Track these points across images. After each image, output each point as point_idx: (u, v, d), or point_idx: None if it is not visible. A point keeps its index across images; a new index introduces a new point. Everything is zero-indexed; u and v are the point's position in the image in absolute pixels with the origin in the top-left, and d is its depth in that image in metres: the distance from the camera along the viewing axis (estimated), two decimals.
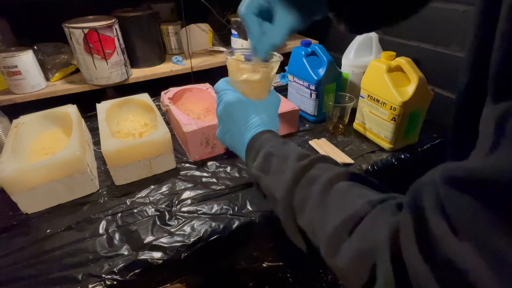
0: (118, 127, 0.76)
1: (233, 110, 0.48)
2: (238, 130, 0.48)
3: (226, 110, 0.49)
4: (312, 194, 0.34)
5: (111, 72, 0.93)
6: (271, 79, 0.51)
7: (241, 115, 0.48)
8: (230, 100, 0.48)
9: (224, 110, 0.49)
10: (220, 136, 0.52)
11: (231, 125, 0.49)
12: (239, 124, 0.48)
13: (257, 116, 0.48)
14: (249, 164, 0.46)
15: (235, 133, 0.49)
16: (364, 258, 0.25)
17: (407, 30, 0.91)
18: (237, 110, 0.48)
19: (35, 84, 0.88)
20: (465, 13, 0.75)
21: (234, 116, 0.48)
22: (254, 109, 0.48)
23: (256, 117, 0.48)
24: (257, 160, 0.43)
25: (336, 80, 0.84)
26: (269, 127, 0.47)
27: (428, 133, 0.81)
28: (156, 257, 0.51)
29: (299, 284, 0.73)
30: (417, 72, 0.68)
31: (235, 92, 0.50)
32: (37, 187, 0.58)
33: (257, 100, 0.50)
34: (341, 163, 0.70)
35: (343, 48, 0.88)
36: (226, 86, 0.51)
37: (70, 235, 0.55)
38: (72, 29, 0.84)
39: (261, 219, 0.58)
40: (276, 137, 0.45)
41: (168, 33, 1.12)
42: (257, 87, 0.50)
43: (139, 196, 0.63)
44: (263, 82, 0.50)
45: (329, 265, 0.30)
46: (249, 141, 0.46)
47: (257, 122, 0.47)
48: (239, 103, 0.48)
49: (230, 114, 0.49)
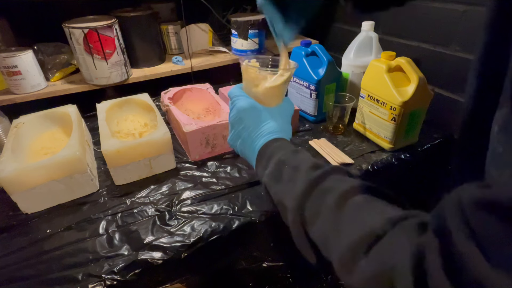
0: (118, 127, 0.76)
1: (246, 116, 0.48)
2: (249, 137, 0.48)
3: (238, 116, 0.48)
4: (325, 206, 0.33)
5: (111, 72, 0.93)
6: (285, 87, 0.51)
7: (253, 121, 0.47)
8: (243, 106, 0.48)
9: (236, 115, 0.49)
10: (232, 142, 0.51)
11: (243, 131, 0.48)
12: (251, 130, 0.47)
13: (270, 123, 0.47)
14: (260, 172, 0.45)
15: (247, 139, 0.48)
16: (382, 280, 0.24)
17: (407, 30, 0.91)
18: (250, 116, 0.48)
19: (35, 84, 0.88)
20: (465, 13, 0.75)
21: (246, 122, 0.48)
22: (267, 116, 0.48)
23: (268, 124, 0.47)
24: (268, 168, 0.43)
25: (336, 80, 0.84)
26: (281, 134, 0.47)
27: (428, 133, 0.81)
28: (156, 257, 0.51)
29: (299, 284, 0.73)
30: (417, 72, 0.68)
31: (249, 98, 0.49)
32: (37, 187, 0.58)
33: (271, 106, 0.50)
34: (341, 163, 0.70)
35: (343, 48, 0.88)
36: (240, 92, 0.51)
37: (70, 235, 0.55)
38: (72, 29, 0.84)
39: (261, 219, 0.58)
40: (288, 145, 0.45)
41: (168, 33, 1.12)
42: (272, 94, 0.49)
43: (139, 196, 0.63)
44: (278, 89, 0.49)
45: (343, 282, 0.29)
46: (261, 148, 0.46)
47: (269, 129, 0.47)
48: (252, 109, 0.48)
49: (242, 120, 0.48)
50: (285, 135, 0.48)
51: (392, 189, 0.33)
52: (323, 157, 0.73)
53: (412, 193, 0.81)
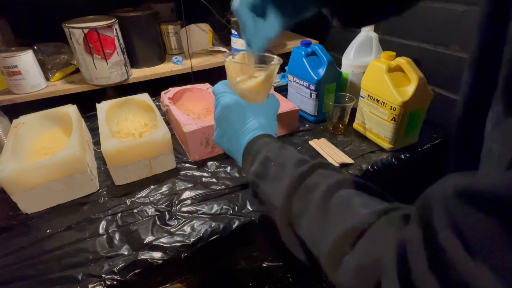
0: (118, 127, 0.76)
1: (231, 113, 0.47)
2: (235, 134, 0.47)
3: (223, 113, 0.48)
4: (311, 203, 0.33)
5: (111, 72, 0.93)
6: (270, 82, 0.51)
7: (238, 118, 0.47)
8: (228, 102, 0.47)
9: (221, 112, 0.48)
10: (217, 140, 0.51)
11: (228, 128, 0.48)
12: (236, 127, 0.47)
13: (255, 120, 0.47)
14: (246, 169, 0.45)
15: (232, 136, 0.47)
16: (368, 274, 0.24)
17: (407, 30, 0.91)
18: (235, 113, 0.47)
19: (35, 84, 0.88)
20: (465, 13, 0.75)
21: (231, 119, 0.47)
22: (252, 112, 0.47)
23: (253, 121, 0.46)
24: (254, 165, 0.42)
25: (336, 80, 0.84)
26: (267, 131, 0.46)
27: (428, 133, 0.81)
28: (156, 257, 0.51)
29: (299, 284, 0.73)
30: (417, 72, 0.68)
31: (233, 94, 0.49)
32: (37, 187, 0.58)
33: (256, 103, 0.49)
34: (341, 163, 0.70)
35: (343, 48, 0.88)
36: (224, 88, 0.50)
37: (70, 235, 0.55)
38: (72, 29, 0.84)
39: (261, 219, 0.58)
40: (274, 141, 0.44)
41: (168, 33, 1.12)
42: (256, 90, 0.49)
43: (139, 196, 0.63)
44: (262, 85, 0.49)
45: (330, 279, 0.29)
46: (246, 145, 0.45)
47: (255, 126, 0.46)
48: (236, 106, 0.47)
49: (227, 117, 0.48)
50: (271, 131, 0.47)
51: (392, 189, 0.32)
52: (323, 157, 0.74)
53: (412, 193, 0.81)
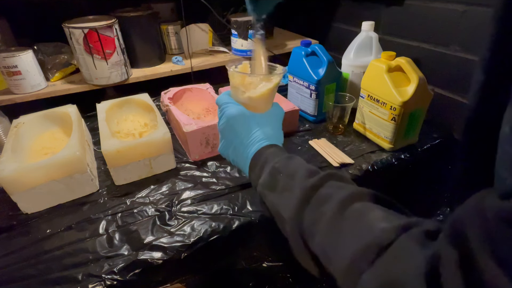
0: (118, 127, 0.76)
1: (236, 123, 0.47)
2: (241, 145, 0.46)
3: (228, 124, 0.47)
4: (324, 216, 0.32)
5: (111, 72, 0.93)
6: (274, 92, 0.50)
7: (243, 129, 0.46)
8: (232, 113, 0.47)
9: (226, 124, 0.48)
10: (223, 151, 0.50)
11: (234, 139, 0.47)
12: (242, 138, 0.46)
13: (260, 130, 0.46)
14: (254, 181, 0.44)
15: (238, 147, 0.47)
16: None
17: (407, 30, 0.91)
18: (240, 124, 0.47)
19: (35, 84, 0.88)
20: (465, 13, 0.75)
21: (236, 130, 0.47)
22: (257, 123, 0.47)
23: (259, 131, 0.46)
24: (262, 176, 0.42)
25: (336, 80, 0.84)
26: (273, 141, 0.46)
27: (428, 133, 0.81)
28: (156, 257, 0.51)
29: (299, 284, 0.73)
30: (417, 72, 0.68)
31: (238, 105, 0.48)
32: (37, 187, 0.58)
33: (260, 112, 0.49)
34: (341, 163, 0.70)
35: (343, 48, 0.88)
36: (228, 99, 0.50)
37: (70, 235, 0.55)
38: (72, 29, 0.84)
39: (261, 219, 0.58)
40: (281, 151, 0.44)
41: (168, 33, 1.12)
42: (260, 100, 0.49)
43: (139, 196, 0.63)
44: (267, 95, 0.49)
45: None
46: (253, 156, 0.45)
47: (260, 136, 0.45)
48: (241, 116, 0.47)
49: (232, 128, 0.47)
50: (277, 141, 0.47)
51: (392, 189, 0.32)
52: (323, 157, 0.74)
53: (412, 193, 0.81)
